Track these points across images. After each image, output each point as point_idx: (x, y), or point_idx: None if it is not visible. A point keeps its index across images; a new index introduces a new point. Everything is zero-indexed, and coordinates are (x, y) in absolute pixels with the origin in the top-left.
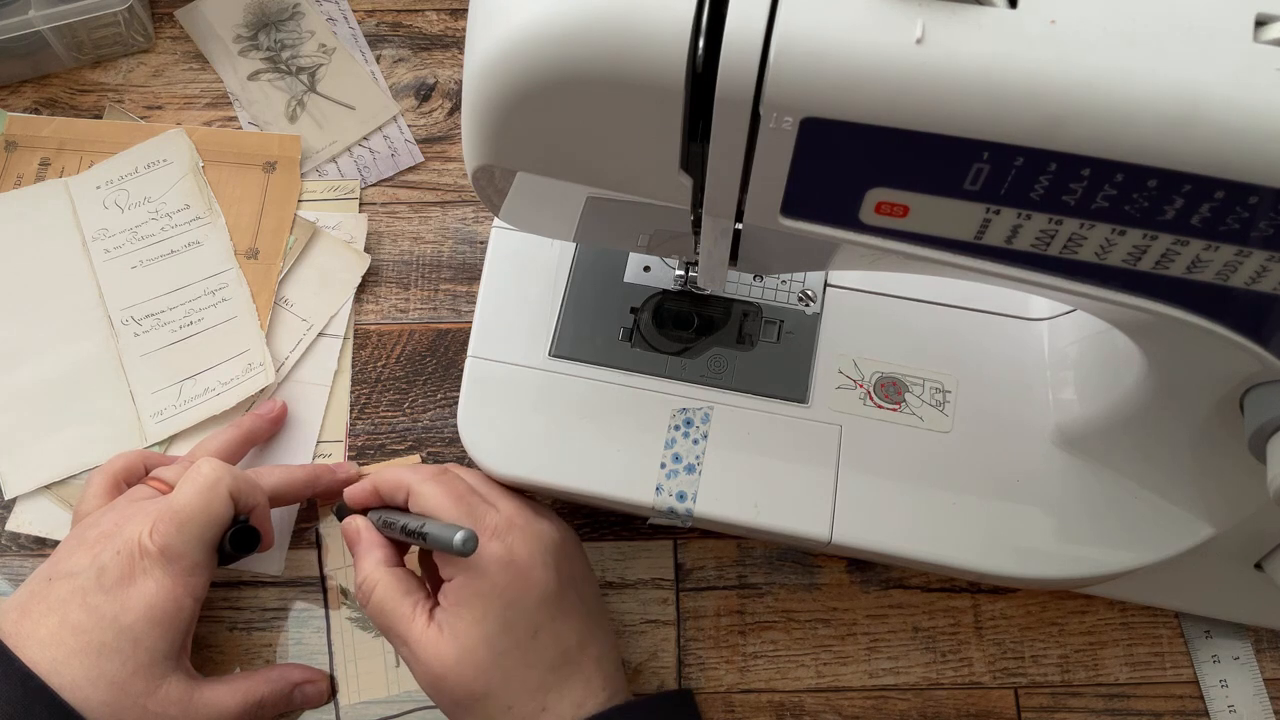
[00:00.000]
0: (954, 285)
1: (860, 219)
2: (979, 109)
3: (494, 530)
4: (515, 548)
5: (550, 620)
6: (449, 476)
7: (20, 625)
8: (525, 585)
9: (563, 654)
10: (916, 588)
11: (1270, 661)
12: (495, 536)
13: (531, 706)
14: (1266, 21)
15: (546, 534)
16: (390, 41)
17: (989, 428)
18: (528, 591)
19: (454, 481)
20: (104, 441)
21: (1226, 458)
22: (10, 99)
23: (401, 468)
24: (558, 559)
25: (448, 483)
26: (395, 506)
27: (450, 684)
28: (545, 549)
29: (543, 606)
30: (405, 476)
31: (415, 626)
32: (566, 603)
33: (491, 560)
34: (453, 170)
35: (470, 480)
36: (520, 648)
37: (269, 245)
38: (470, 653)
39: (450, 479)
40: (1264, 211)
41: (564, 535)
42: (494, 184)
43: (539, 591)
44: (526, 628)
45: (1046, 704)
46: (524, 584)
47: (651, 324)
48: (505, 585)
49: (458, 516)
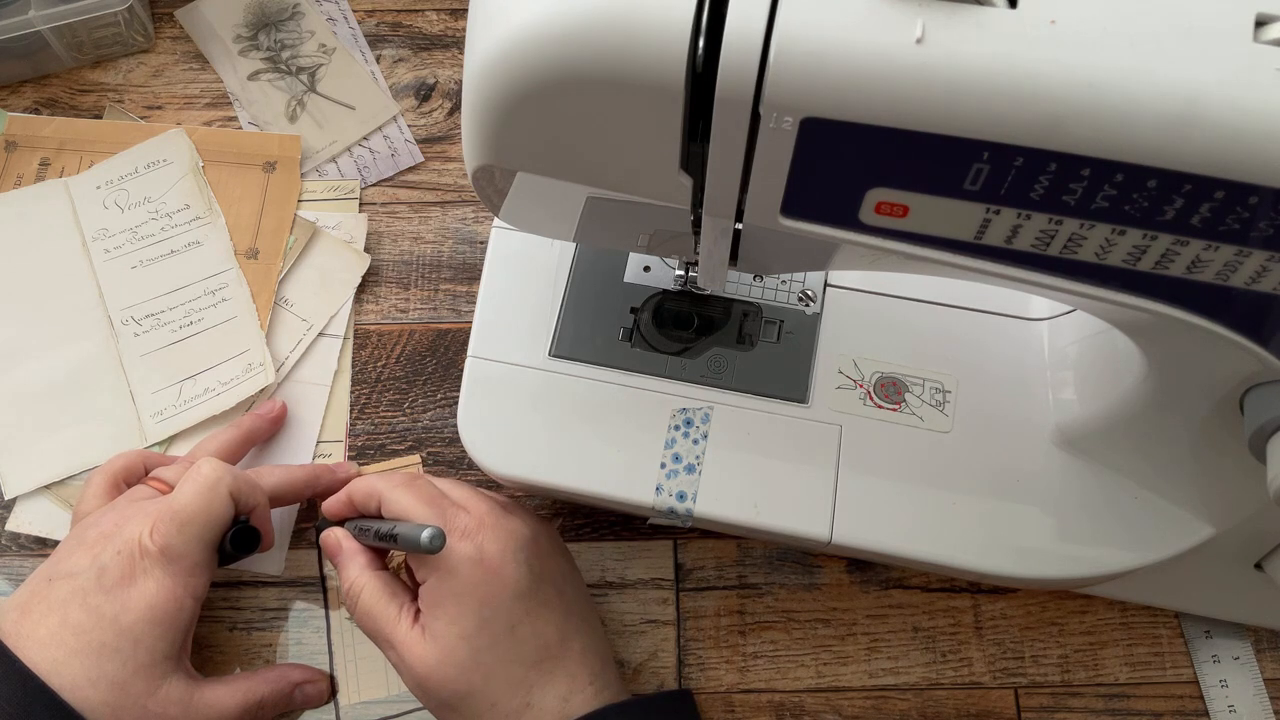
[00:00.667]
0: (954, 285)
1: (860, 219)
2: (979, 109)
3: (463, 531)
4: (485, 546)
5: (527, 616)
6: (420, 482)
7: (20, 625)
8: (498, 583)
9: (543, 649)
10: (916, 588)
11: (1270, 661)
12: (465, 536)
13: (515, 703)
14: (1266, 21)
15: (518, 531)
16: (390, 41)
17: (989, 428)
18: (501, 589)
19: (425, 487)
20: (104, 441)
21: (1226, 458)
22: (10, 99)
23: (374, 475)
24: (530, 555)
25: (418, 488)
26: (370, 515)
27: (434, 684)
28: (517, 546)
29: (517, 602)
30: (377, 485)
31: (400, 629)
32: (543, 597)
33: (462, 560)
34: (453, 170)
35: (443, 486)
36: (499, 644)
37: (269, 245)
38: (450, 652)
39: (421, 484)
40: (1264, 211)
41: (536, 531)
42: (494, 184)
43: (512, 588)
44: (503, 624)
45: (1046, 704)
46: (497, 581)
47: (651, 324)
48: (477, 583)
49: (428, 518)
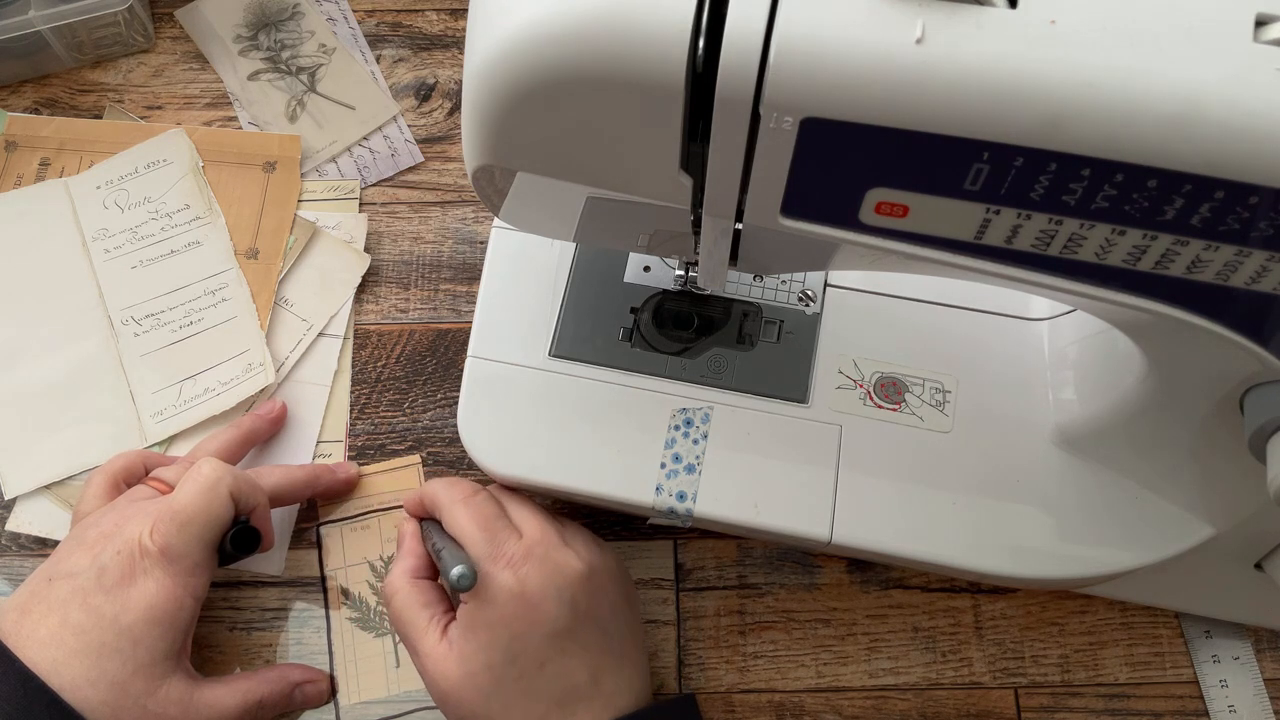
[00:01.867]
0: (954, 285)
1: (860, 219)
2: (979, 109)
3: (509, 559)
4: (528, 579)
5: (559, 655)
6: (481, 498)
7: (20, 625)
8: (534, 618)
9: (570, 689)
10: (916, 588)
11: (1270, 661)
12: (509, 566)
13: None
14: (1266, 21)
15: (568, 566)
16: (390, 41)
17: (989, 428)
18: (536, 625)
19: (484, 505)
20: (104, 441)
21: (1226, 458)
22: (10, 99)
23: (443, 483)
24: (576, 593)
25: (477, 506)
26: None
27: (453, 702)
28: (563, 582)
29: (551, 640)
30: (440, 496)
31: (427, 640)
32: (581, 637)
33: (501, 590)
34: (453, 170)
35: (507, 503)
36: (525, 679)
37: (269, 245)
38: (473, 677)
39: (481, 501)
40: (1264, 211)
41: (592, 567)
42: (494, 184)
43: (548, 626)
44: (532, 660)
45: (1046, 704)
46: (533, 617)
47: (651, 324)
48: (513, 616)
49: (478, 543)
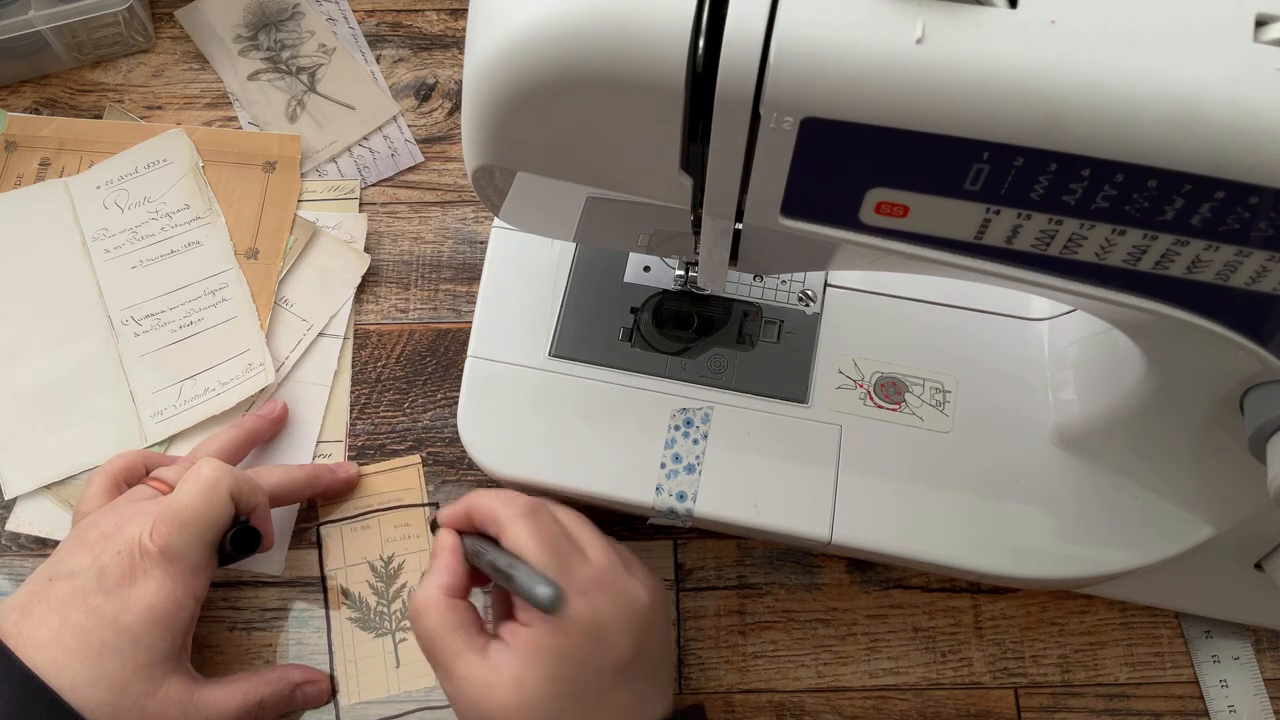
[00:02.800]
0: (954, 285)
1: (860, 219)
2: (979, 109)
3: (582, 587)
4: (602, 611)
5: (619, 687)
6: (543, 515)
7: (21, 626)
8: (604, 652)
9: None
10: (916, 588)
11: (1270, 661)
12: (583, 594)
13: None
14: (1266, 21)
15: (635, 599)
16: (390, 41)
17: (989, 428)
18: (604, 659)
19: (547, 523)
20: (104, 441)
21: (1226, 458)
22: (10, 99)
23: (496, 496)
24: (639, 627)
25: (539, 524)
26: (488, 536)
27: None
28: (629, 613)
29: (615, 674)
30: (498, 510)
31: (462, 663)
32: (636, 668)
33: (575, 619)
34: (453, 170)
35: (564, 520)
36: (584, 711)
37: (269, 245)
38: (530, 705)
39: (543, 519)
40: (1264, 211)
41: (653, 599)
42: (494, 184)
43: (614, 659)
44: (594, 692)
45: (1046, 704)
46: (603, 649)
47: (651, 324)
48: (583, 648)
49: (547, 564)
